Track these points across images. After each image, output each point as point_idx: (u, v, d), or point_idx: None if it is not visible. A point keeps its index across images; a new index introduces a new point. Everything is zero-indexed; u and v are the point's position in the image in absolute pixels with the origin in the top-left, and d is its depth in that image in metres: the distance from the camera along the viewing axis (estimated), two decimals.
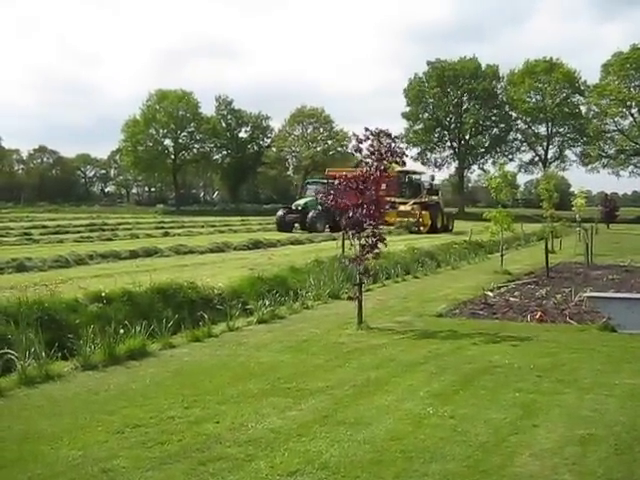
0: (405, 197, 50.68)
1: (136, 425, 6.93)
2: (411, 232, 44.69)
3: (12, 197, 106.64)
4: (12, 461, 6.06)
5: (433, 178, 58.92)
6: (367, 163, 12.87)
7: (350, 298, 13.24)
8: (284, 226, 45.01)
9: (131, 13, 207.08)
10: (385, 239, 12.91)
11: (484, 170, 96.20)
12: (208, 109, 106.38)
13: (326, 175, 50.97)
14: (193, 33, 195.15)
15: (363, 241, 12.70)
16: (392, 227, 42.23)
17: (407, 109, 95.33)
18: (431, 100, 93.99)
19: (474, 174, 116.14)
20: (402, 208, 47.66)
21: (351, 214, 12.64)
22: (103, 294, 11.70)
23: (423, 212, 48.45)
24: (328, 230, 43.85)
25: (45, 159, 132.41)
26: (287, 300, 14.24)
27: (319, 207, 44.13)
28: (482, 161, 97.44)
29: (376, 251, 12.77)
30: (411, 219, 47.55)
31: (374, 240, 12.64)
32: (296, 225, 45.82)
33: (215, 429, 6.81)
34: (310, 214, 44.94)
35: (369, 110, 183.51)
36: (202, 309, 12.37)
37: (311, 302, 14.74)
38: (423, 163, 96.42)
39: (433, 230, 47.20)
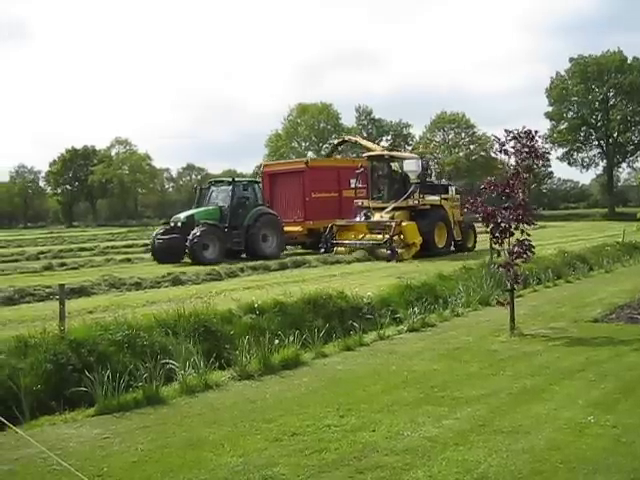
0: (384, 199, 30.38)
1: (293, 433, 7.06)
2: (380, 258, 26.63)
3: (164, 214, 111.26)
4: (178, 466, 6.31)
5: (427, 166, 34.61)
6: (511, 166, 12.60)
7: (501, 304, 12.94)
8: (158, 253, 27.93)
9: (271, 28, 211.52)
10: (533, 246, 12.50)
11: (634, 168, 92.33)
12: (349, 119, 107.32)
13: (262, 172, 37.73)
14: (331, 44, 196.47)
15: (511, 247, 12.41)
16: (343, 250, 28.24)
17: (550, 109, 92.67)
18: (575, 98, 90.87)
19: (624, 173, 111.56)
20: (376, 217, 29.51)
21: (499, 220, 12.36)
22: (256, 305, 12.02)
23: (405, 224, 27.83)
24: (244, 256, 28.52)
25: (193, 176, 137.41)
26: (436, 308, 14.16)
27: (212, 222, 27.93)
28: (632, 159, 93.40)
29: (525, 256, 12.45)
30: (382, 236, 27.71)
31: (524, 247, 12.30)
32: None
33: (371, 437, 6.84)
34: (193, 232, 26.79)
35: (511, 110, 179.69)
36: (352, 318, 12.50)
37: (461, 309, 14.54)
38: (569, 163, 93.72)
39: (430, 249, 28.07)
